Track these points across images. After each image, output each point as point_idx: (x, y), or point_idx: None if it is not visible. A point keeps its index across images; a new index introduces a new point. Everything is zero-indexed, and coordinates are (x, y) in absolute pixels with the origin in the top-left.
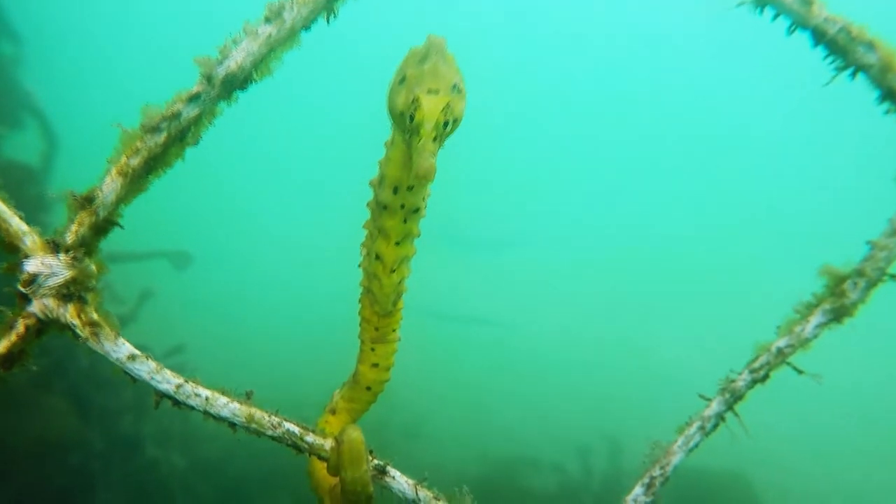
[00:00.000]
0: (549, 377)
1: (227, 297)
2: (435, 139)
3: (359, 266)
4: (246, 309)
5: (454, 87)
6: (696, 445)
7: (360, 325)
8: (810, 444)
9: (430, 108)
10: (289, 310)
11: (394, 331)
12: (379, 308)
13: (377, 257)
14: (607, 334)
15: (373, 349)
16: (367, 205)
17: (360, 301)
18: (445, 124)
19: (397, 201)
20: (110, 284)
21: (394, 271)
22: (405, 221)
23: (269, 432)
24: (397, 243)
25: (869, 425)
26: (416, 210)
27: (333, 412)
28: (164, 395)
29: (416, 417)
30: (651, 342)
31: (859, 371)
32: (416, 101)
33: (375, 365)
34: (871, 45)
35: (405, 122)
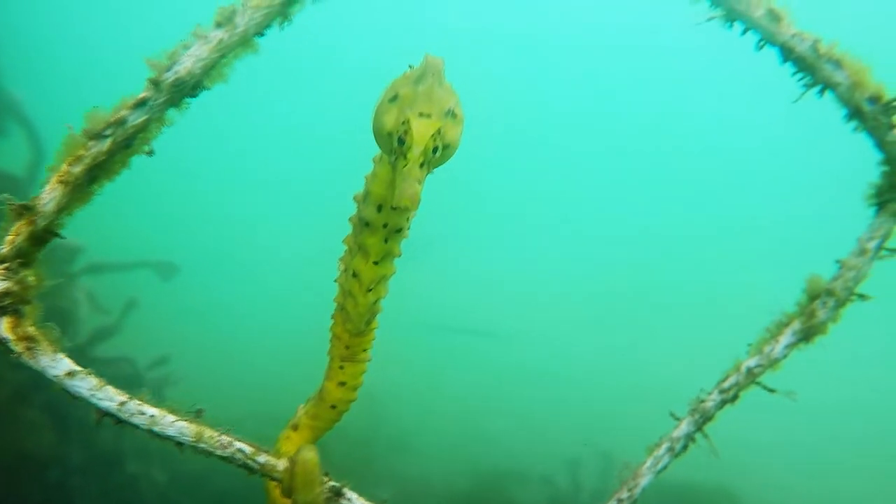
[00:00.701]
0: (540, 389)
1: (214, 308)
2: (422, 165)
3: (334, 281)
4: (233, 319)
5: (448, 111)
6: (665, 467)
7: (330, 341)
8: (797, 460)
9: (420, 133)
10: (277, 320)
11: (364, 350)
12: (351, 326)
13: (354, 275)
14: (602, 347)
15: (341, 367)
16: (350, 219)
17: (332, 317)
18: (435, 150)
19: (380, 220)
20: (94, 295)
21: (370, 290)
22: (386, 241)
23: (219, 452)
24: (376, 262)
25: (858, 441)
26: (399, 230)
27: (295, 428)
28: (105, 414)
29: (403, 431)
30: (648, 356)
31: (848, 387)
32: (405, 124)
33: (343, 384)
34: (838, 64)
35: (392, 144)
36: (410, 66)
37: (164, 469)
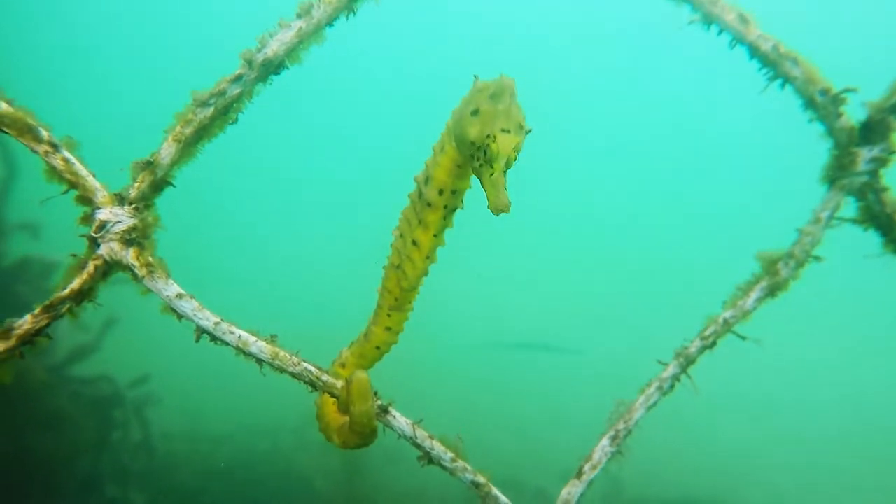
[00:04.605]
0: (538, 398)
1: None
2: (504, 173)
3: (391, 245)
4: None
5: (521, 126)
6: (655, 403)
7: (380, 293)
8: (801, 473)
9: (504, 146)
10: (262, 329)
11: (409, 302)
12: (406, 284)
13: (414, 243)
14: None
15: (389, 315)
16: (409, 195)
17: (385, 273)
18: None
19: (442, 201)
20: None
21: (428, 258)
22: (444, 218)
23: (290, 369)
24: (435, 235)
25: (863, 453)
26: (455, 209)
27: (343, 366)
28: (203, 331)
29: (397, 442)
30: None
31: (855, 397)
32: (491, 138)
33: (388, 328)
34: (795, 61)
35: (475, 151)
36: (476, 77)
37: (143, 492)
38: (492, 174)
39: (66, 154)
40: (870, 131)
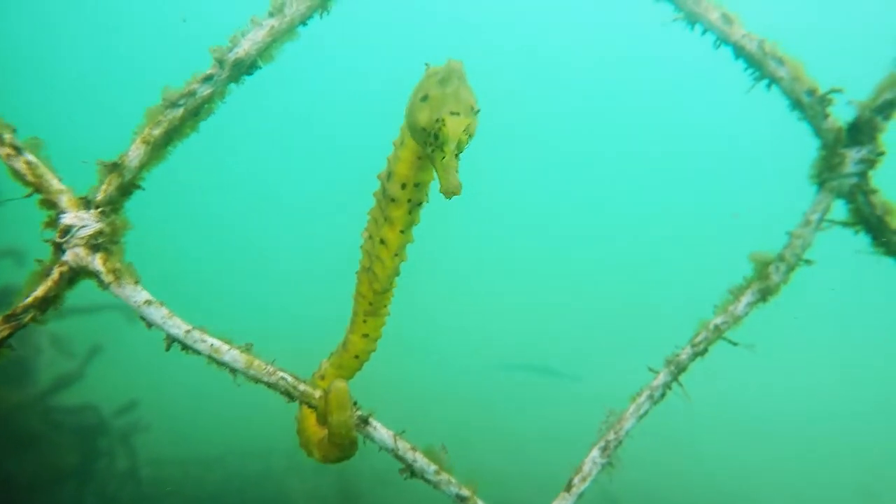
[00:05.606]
0: (535, 417)
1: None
2: (456, 156)
3: (360, 248)
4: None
5: (472, 108)
6: (646, 413)
7: (354, 299)
8: (796, 493)
9: (454, 129)
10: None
11: (384, 306)
12: (378, 286)
13: (382, 242)
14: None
15: (365, 321)
16: (374, 194)
17: (357, 278)
18: (464, 142)
19: (405, 196)
20: (61, 340)
21: (397, 255)
22: (410, 213)
23: (265, 378)
24: (402, 231)
25: (858, 472)
26: (420, 203)
27: (322, 377)
28: (174, 339)
29: (388, 463)
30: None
31: (855, 414)
32: (440, 122)
33: (366, 335)
34: (781, 61)
35: (426, 137)
36: (428, 65)
37: None
38: (443, 158)
39: (30, 157)
40: (857, 132)
